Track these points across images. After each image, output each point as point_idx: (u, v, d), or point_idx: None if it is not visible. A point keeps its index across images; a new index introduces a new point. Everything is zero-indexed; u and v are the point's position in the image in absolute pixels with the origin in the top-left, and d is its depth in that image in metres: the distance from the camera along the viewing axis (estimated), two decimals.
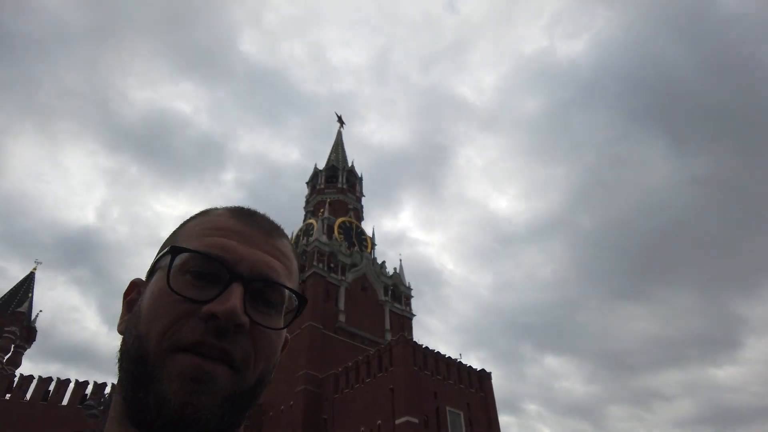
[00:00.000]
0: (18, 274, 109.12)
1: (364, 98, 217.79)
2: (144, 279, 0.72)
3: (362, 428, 33.20)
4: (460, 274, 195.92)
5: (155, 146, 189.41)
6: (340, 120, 70.56)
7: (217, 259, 0.64)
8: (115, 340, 0.70)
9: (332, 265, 47.96)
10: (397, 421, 31.19)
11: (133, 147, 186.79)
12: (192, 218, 0.77)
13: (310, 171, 63.83)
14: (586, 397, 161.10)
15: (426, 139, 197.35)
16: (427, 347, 37.07)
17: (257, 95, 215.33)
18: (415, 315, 51.51)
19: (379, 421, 32.31)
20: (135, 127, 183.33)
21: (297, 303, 0.71)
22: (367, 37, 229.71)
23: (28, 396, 34.06)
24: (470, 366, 38.67)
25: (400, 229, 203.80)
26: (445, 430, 32.90)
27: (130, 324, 0.66)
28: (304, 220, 57.60)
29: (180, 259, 0.65)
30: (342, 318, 44.37)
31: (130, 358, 0.62)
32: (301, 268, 47.40)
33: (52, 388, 34.89)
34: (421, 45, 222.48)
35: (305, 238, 51.88)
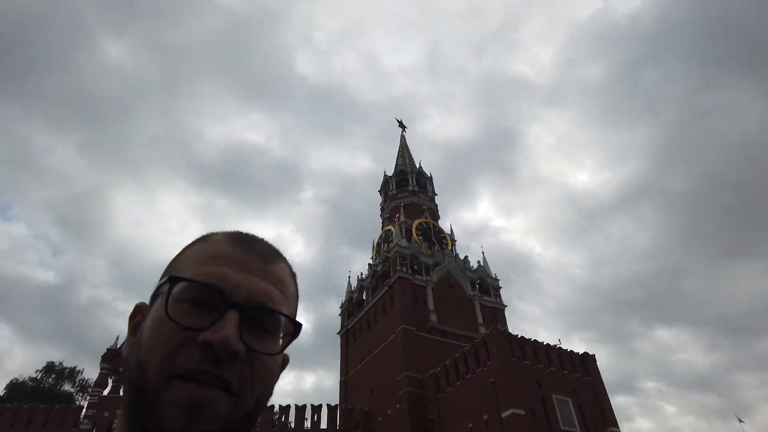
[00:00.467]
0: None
1: (421, 97, 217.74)
2: (147, 303, 0.74)
3: (470, 425, 33.31)
4: (550, 256, 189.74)
5: (236, 177, 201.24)
6: (401, 125, 71.27)
7: (213, 287, 0.66)
8: None
9: (415, 267, 48.52)
10: (503, 415, 31.00)
11: (217, 181, 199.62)
12: (193, 243, 0.80)
13: (381, 176, 65.25)
14: (708, 368, 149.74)
15: (491, 126, 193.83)
16: (523, 336, 36.51)
17: (320, 113, 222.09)
18: (506, 306, 50.78)
19: (486, 416, 32.28)
20: (215, 162, 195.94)
21: (293, 327, 0.73)
22: (413, 37, 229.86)
23: None
24: (572, 350, 37.56)
25: (480, 220, 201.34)
26: (555, 418, 32.21)
27: (132, 349, 0.68)
28: (383, 228, 58.72)
29: (178, 287, 0.67)
30: (433, 318, 44.73)
31: (131, 384, 0.64)
32: (385, 275, 48.67)
33: None
34: (468, 33, 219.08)
35: (386, 245, 52.90)
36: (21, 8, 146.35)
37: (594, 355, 37.95)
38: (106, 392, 41.01)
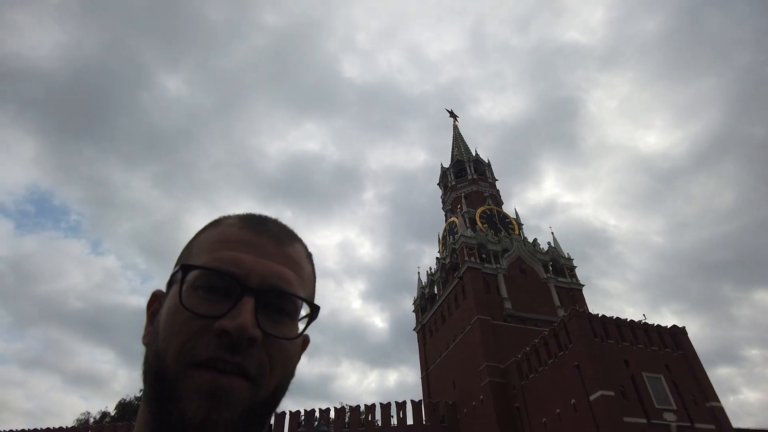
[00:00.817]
0: None
1: (470, 81, 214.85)
2: (164, 290, 0.74)
3: (557, 410, 32.50)
4: (626, 227, 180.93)
5: (298, 188, 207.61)
6: (452, 114, 70.54)
7: (227, 273, 0.65)
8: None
9: (483, 255, 47.89)
10: (592, 397, 29.99)
11: (282, 194, 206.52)
12: (205, 229, 0.78)
13: (439, 168, 64.93)
14: None
15: (546, 99, 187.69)
16: (604, 315, 35.15)
17: (371, 112, 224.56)
18: (583, 285, 48.99)
19: (573, 401, 31.37)
20: (278, 176, 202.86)
21: (310, 309, 0.71)
22: (454, 23, 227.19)
23: None
24: (659, 325, 35.72)
25: (548, 199, 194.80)
26: (647, 397, 30.77)
27: (151, 338, 0.68)
28: (446, 220, 58.43)
29: (191, 275, 0.66)
30: (508, 305, 43.97)
31: (151, 374, 0.64)
32: (454, 267, 48.36)
33: (273, 421, 39.97)
34: (511, 8, 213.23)
35: (451, 237, 52.61)
36: (86, 58, 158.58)
37: (684, 327, 35.90)
38: None
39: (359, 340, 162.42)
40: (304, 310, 0.70)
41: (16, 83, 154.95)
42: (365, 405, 42.84)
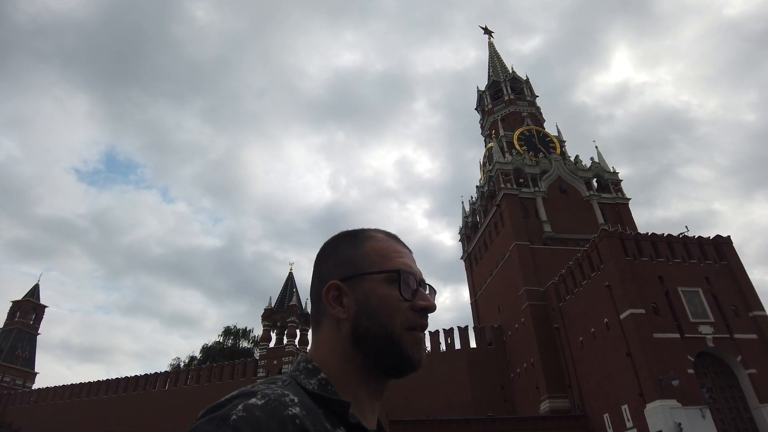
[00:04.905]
0: (289, 262, 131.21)
1: None
2: (339, 281, 1.05)
3: (592, 329, 33.04)
4: (713, 105, 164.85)
5: (346, 106, 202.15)
6: (487, 31, 66.83)
7: (412, 274, 1.05)
8: None
9: (521, 180, 47.20)
10: (622, 316, 30.17)
11: (331, 114, 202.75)
12: (363, 241, 1.11)
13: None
14: None
15: None
16: (638, 233, 34.35)
17: (411, 9, 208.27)
18: (629, 198, 47.22)
19: (606, 320, 31.70)
20: (324, 96, 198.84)
21: (431, 291, 1.11)
22: None
23: None
24: (700, 236, 34.37)
25: (619, 83, 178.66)
26: (682, 311, 30.43)
27: (363, 315, 1.01)
28: (485, 146, 57.39)
29: (401, 275, 1.04)
30: (547, 228, 43.68)
31: (378, 336, 0.99)
32: (492, 194, 48.16)
33: None
34: None
35: (489, 164, 51.94)
36: None
37: (729, 236, 34.32)
38: (271, 345, 48.18)
39: (429, 258, 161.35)
40: None
41: (53, 38, 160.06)
42: None
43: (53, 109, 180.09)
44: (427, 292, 1.08)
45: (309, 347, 1.13)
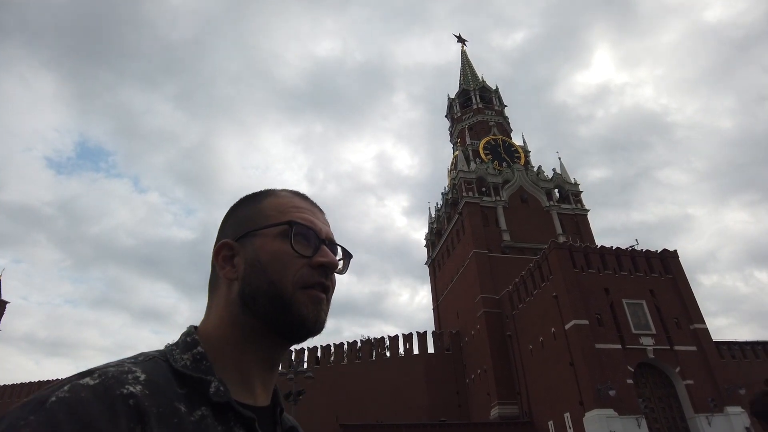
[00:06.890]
0: None
1: None
2: (232, 240, 0.97)
3: (540, 338, 33.84)
4: (692, 108, 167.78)
5: (324, 96, 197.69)
6: (460, 39, 67.61)
7: (312, 229, 0.95)
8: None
9: (484, 189, 47.97)
10: (566, 326, 31.00)
11: (308, 104, 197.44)
12: (264, 197, 1.03)
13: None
14: None
15: None
16: (587, 245, 35.31)
17: None
18: (588, 210, 48.38)
19: (553, 329, 32.51)
20: (301, 85, 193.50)
21: (344, 254, 1.02)
22: None
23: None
24: (647, 250, 35.43)
25: (600, 84, 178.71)
26: (625, 322, 31.40)
27: (252, 273, 0.91)
28: (453, 153, 58.09)
29: (295, 228, 0.93)
30: (507, 237, 44.51)
31: (267, 295, 0.89)
32: (456, 202, 48.74)
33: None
34: None
35: (455, 172, 52.64)
36: None
37: (675, 250, 35.46)
38: None
39: (406, 257, 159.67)
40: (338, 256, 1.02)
41: (17, 11, 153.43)
42: (375, 338, 45.99)
43: (17, 87, 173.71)
44: (339, 256, 1.01)
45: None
